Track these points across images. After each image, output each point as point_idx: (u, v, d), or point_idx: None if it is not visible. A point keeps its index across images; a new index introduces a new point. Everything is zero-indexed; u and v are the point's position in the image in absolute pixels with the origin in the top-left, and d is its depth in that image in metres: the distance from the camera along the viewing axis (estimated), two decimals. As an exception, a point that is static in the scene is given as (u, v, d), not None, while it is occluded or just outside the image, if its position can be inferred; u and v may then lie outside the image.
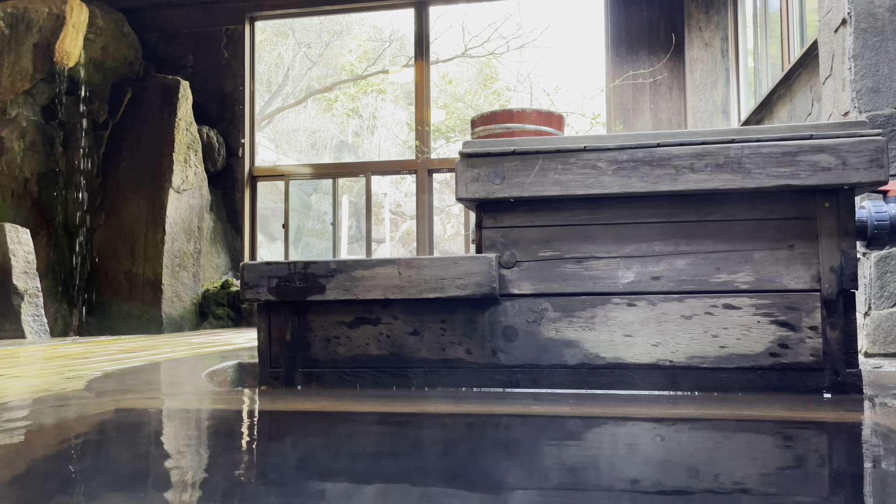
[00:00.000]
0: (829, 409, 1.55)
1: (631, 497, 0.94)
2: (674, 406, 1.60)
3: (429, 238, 7.03)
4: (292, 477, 1.06)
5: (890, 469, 1.09)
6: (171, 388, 2.13)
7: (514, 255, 1.87)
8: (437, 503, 0.92)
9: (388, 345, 1.91)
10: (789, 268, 1.73)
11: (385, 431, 1.43)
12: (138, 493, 0.96)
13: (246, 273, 1.92)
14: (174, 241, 6.07)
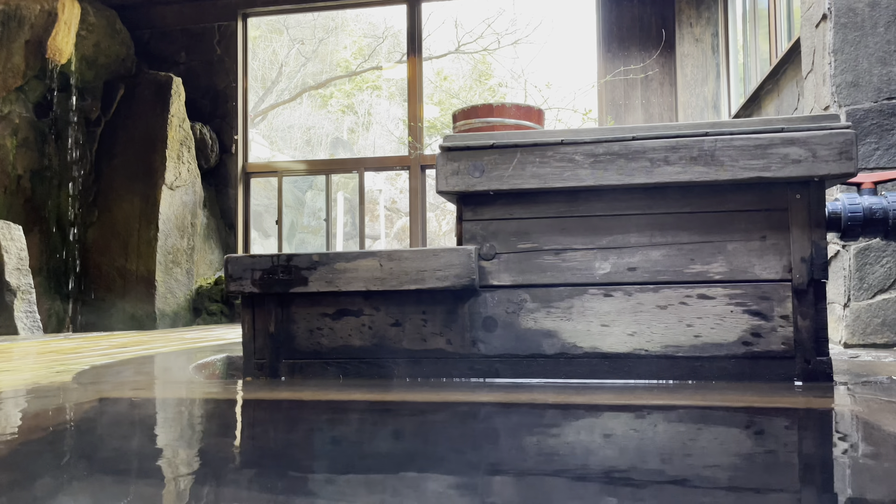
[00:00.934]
0: (799, 395, 1.58)
1: (604, 479, 0.97)
2: (649, 394, 1.63)
3: (422, 234, 7.07)
4: (270, 459, 1.09)
5: (852, 452, 1.13)
6: (158, 379, 2.16)
7: (493, 247, 1.91)
8: (416, 486, 0.96)
9: (370, 336, 1.94)
10: (762, 258, 1.77)
11: (367, 419, 1.46)
12: (116, 475, 0.99)
13: (230, 266, 1.95)
14: (167, 238, 6.09)
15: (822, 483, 0.96)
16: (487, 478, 0.99)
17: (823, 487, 0.93)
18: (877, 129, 2.65)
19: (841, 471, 1.01)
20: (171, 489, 0.95)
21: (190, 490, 0.95)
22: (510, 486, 0.94)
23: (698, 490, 0.90)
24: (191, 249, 6.34)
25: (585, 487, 0.92)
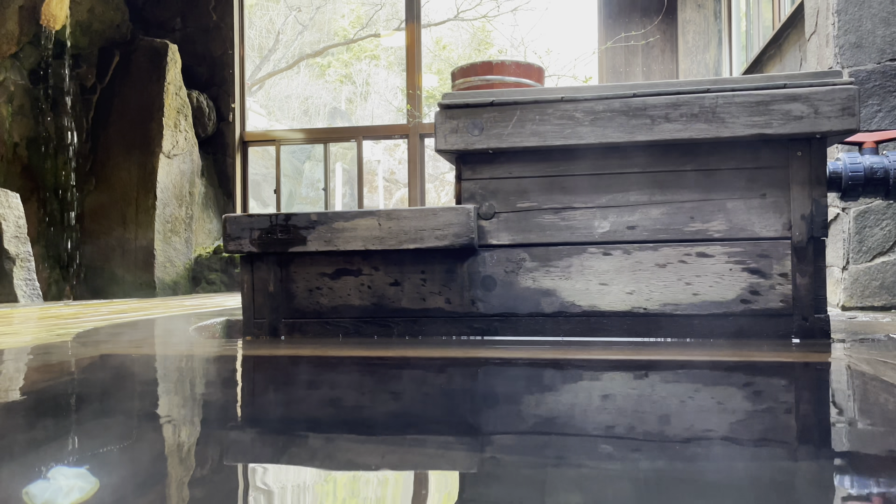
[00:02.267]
0: (797, 351, 1.59)
1: (605, 432, 0.98)
2: (647, 350, 1.64)
3: (420, 204, 7.04)
4: (268, 406, 1.10)
5: (846, 402, 1.13)
6: (158, 339, 2.17)
7: (492, 206, 1.90)
8: (417, 435, 0.96)
9: (369, 295, 1.95)
10: (761, 216, 1.76)
11: (366, 372, 1.46)
12: (118, 419, 1.00)
13: (228, 225, 1.95)
14: (165, 207, 6.07)
15: (820, 432, 0.96)
16: (487, 428, 0.99)
17: (821, 436, 0.94)
18: (879, 91, 2.62)
19: (838, 421, 1.02)
20: (169, 431, 0.95)
21: (187, 431, 0.96)
22: (509, 438, 0.94)
23: (696, 441, 0.90)
24: (189, 218, 6.33)
25: (586, 439, 0.93)
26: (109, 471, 0.79)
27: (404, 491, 0.73)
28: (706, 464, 0.78)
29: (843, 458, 0.81)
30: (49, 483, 0.76)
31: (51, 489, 0.74)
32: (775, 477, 0.74)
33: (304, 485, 0.74)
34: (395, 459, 0.82)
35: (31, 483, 0.76)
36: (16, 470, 0.80)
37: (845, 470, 0.77)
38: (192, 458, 0.85)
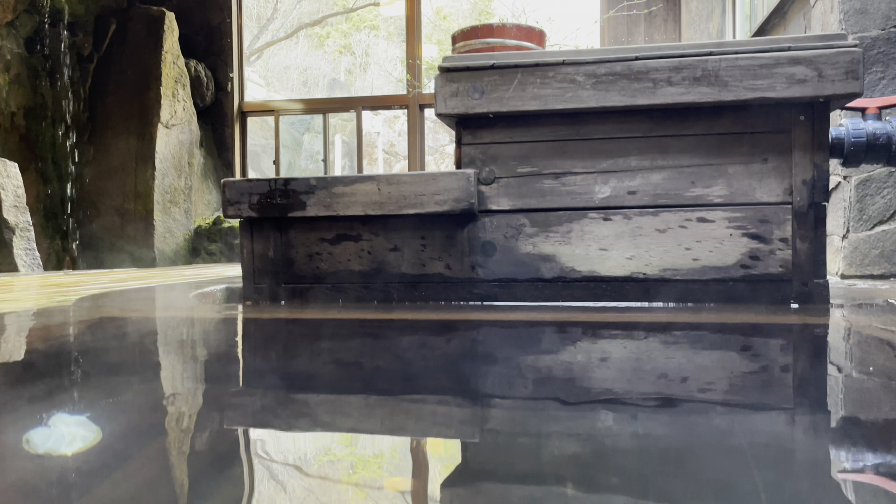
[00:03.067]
0: (795, 315, 1.60)
1: (604, 392, 0.98)
2: (647, 314, 1.65)
3: (421, 174, 7.00)
4: (270, 363, 1.10)
5: (844, 360, 1.14)
6: (157, 303, 2.17)
7: (492, 171, 1.89)
8: (416, 394, 0.97)
9: (369, 261, 1.95)
10: (762, 181, 1.76)
11: (367, 333, 1.47)
12: (116, 373, 1.01)
13: (227, 189, 1.94)
14: (164, 177, 6.05)
15: (817, 387, 0.97)
16: (487, 387, 1.00)
17: (818, 393, 0.95)
18: (883, 58, 2.60)
19: (835, 377, 1.02)
20: (168, 386, 0.96)
21: (186, 386, 0.96)
22: (507, 395, 0.95)
23: (695, 396, 0.91)
24: (188, 189, 6.31)
25: (585, 394, 0.93)
26: (110, 421, 0.79)
27: (403, 445, 0.74)
28: (702, 418, 0.79)
29: (838, 413, 0.82)
30: (51, 431, 0.77)
31: (53, 437, 0.75)
32: (771, 430, 0.74)
33: (303, 439, 0.75)
34: (394, 414, 0.83)
35: (33, 431, 0.77)
36: (18, 421, 0.80)
37: (841, 423, 0.78)
38: (190, 411, 0.86)
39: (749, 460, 0.62)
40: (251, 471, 0.64)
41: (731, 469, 0.61)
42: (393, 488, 0.61)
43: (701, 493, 0.56)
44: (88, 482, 0.61)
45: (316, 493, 0.59)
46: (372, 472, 0.65)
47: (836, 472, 0.62)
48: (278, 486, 0.61)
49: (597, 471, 0.62)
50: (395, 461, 0.68)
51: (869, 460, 0.65)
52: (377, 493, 0.59)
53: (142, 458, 0.68)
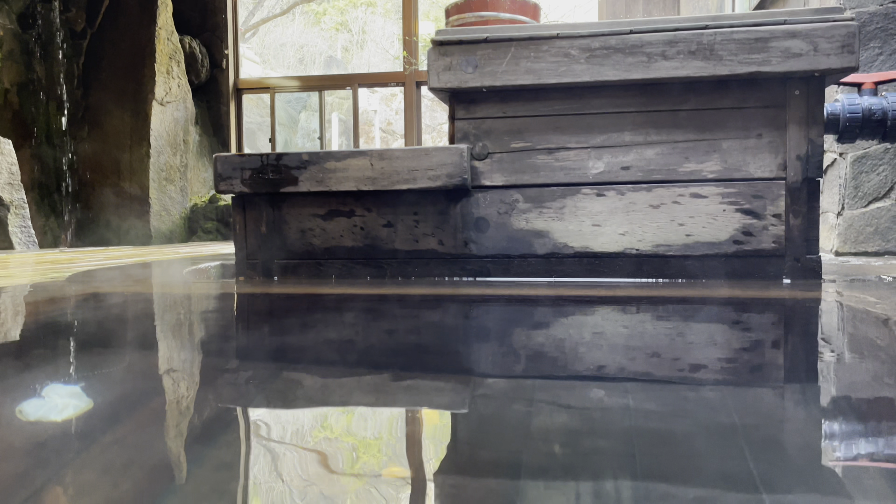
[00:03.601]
0: (787, 290, 1.60)
1: (598, 365, 0.98)
2: (639, 290, 1.65)
3: (417, 153, 6.97)
4: (262, 336, 1.10)
5: (833, 335, 1.14)
6: (151, 279, 2.17)
7: (486, 146, 1.88)
8: (412, 364, 0.97)
9: (362, 237, 1.94)
10: (756, 156, 1.75)
11: (360, 307, 1.47)
12: (108, 346, 1.01)
13: (219, 164, 1.93)
14: (160, 155, 6.02)
15: (806, 363, 0.97)
16: (481, 360, 1.00)
17: (807, 368, 0.95)
18: (881, 34, 2.58)
19: (824, 354, 1.02)
20: (159, 358, 0.96)
21: (177, 358, 0.96)
22: (500, 369, 0.95)
23: (687, 368, 0.91)
24: (184, 167, 6.28)
25: (577, 367, 0.93)
26: (102, 391, 0.80)
27: (395, 416, 0.74)
28: (692, 392, 0.79)
29: (828, 388, 0.82)
30: (43, 401, 0.77)
31: (45, 407, 0.75)
32: (760, 403, 0.75)
33: (295, 411, 0.75)
34: (387, 386, 0.83)
35: (25, 401, 0.77)
36: (10, 390, 0.80)
37: (829, 398, 0.78)
38: (181, 382, 0.86)
39: (739, 435, 0.63)
40: (242, 440, 0.65)
41: (719, 443, 0.61)
42: (385, 456, 0.61)
43: (690, 466, 0.56)
44: (78, 449, 0.61)
45: (310, 463, 0.59)
46: (366, 444, 0.65)
47: (823, 444, 0.63)
48: (269, 455, 0.61)
49: (585, 441, 0.62)
50: (388, 432, 0.68)
51: (856, 434, 0.65)
52: (372, 464, 0.59)
53: (127, 428, 0.68)
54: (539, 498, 0.49)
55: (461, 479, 0.54)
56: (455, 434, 0.66)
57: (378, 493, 0.52)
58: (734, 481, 0.51)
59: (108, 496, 0.50)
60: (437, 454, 0.61)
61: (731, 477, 0.52)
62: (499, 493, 0.50)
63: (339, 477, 0.55)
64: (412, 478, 0.55)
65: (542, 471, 0.54)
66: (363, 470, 0.57)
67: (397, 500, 0.51)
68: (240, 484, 0.53)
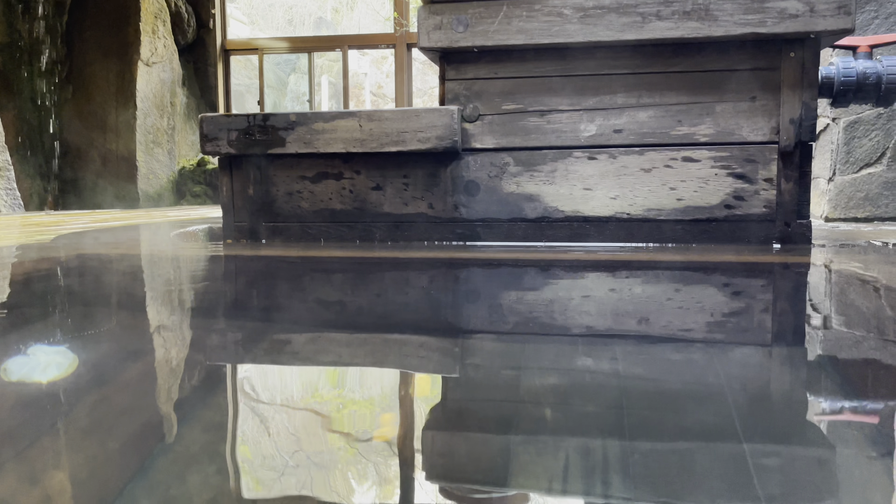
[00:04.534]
0: (777, 255, 1.60)
1: (589, 327, 0.98)
2: (630, 254, 1.64)
3: (408, 117, 6.90)
4: (248, 298, 1.09)
5: (820, 299, 1.14)
6: (138, 242, 2.15)
7: (476, 108, 1.85)
8: (403, 325, 0.96)
9: (350, 200, 1.92)
10: (749, 120, 1.73)
11: (349, 270, 1.46)
12: (92, 306, 0.99)
13: (205, 125, 1.89)
14: (146, 117, 5.92)
15: (794, 326, 0.97)
16: (472, 322, 0.99)
17: (794, 330, 0.95)
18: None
19: (810, 317, 1.02)
20: (143, 318, 0.95)
21: (162, 318, 0.95)
22: (489, 330, 0.94)
23: (676, 329, 0.91)
24: (171, 129, 6.19)
25: (566, 328, 0.93)
26: (86, 350, 0.78)
27: (384, 375, 0.73)
28: (680, 353, 0.79)
29: (814, 345, 0.82)
30: (28, 359, 0.76)
31: (29, 365, 0.74)
32: (747, 363, 0.74)
33: (283, 370, 0.74)
34: (376, 346, 0.82)
35: (8, 359, 0.75)
36: (-16, 351, 0.79)
37: (815, 358, 0.78)
38: (167, 342, 0.85)
39: (726, 394, 0.62)
40: (229, 396, 0.64)
41: (706, 399, 0.61)
42: (377, 409, 0.61)
43: (677, 420, 0.56)
44: (63, 408, 0.60)
45: (300, 419, 0.58)
46: (356, 402, 0.65)
47: (806, 401, 0.63)
48: (257, 413, 0.60)
49: (573, 400, 0.61)
50: (379, 388, 0.68)
51: (839, 393, 0.65)
52: (361, 420, 0.59)
53: (111, 386, 0.67)
54: (527, 442, 0.49)
55: (449, 433, 0.53)
56: (444, 389, 0.65)
57: (372, 444, 0.51)
58: (716, 432, 0.51)
59: (98, 451, 0.50)
60: (427, 407, 0.60)
61: (713, 428, 0.51)
62: (485, 435, 0.50)
63: (329, 432, 0.55)
64: (401, 432, 0.55)
65: (528, 416, 0.53)
66: (355, 424, 0.57)
67: (390, 453, 0.50)
68: (228, 440, 0.53)
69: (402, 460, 0.50)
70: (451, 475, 0.47)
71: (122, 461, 0.49)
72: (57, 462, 0.49)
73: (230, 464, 0.48)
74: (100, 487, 0.45)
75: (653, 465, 0.46)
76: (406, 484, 0.46)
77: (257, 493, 0.45)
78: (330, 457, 0.51)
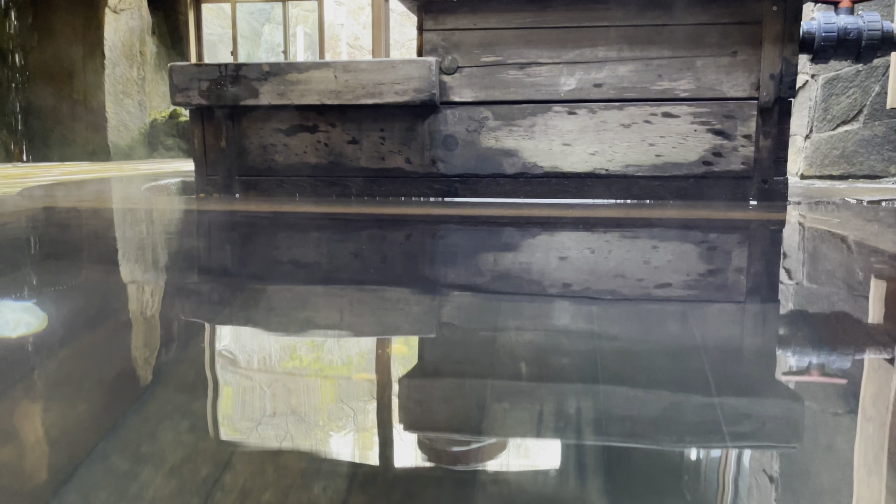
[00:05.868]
0: (753, 212, 1.60)
1: (565, 284, 0.97)
2: (607, 210, 1.64)
3: (386, 69, 6.76)
4: (219, 254, 1.07)
5: (794, 255, 1.15)
6: (106, 195, 2.10)
7: (455, 59, 1.81)
8: (380, 283, 0.94)
9: (326, 153, 1.88)
10: (730, 75, 1.72)
11: (324, 226, 1.44)
12: (59, 261, 0.96)
13: (174, 74, 1.83)
14: (115, 66, 5.75)
15: (767, 282, 0.98)
16: (448, 280, 0.98)
17: (767, 285, 0.95)
18: (862, -49, 2.51)
19: (784, 273, 1.03)
20: (113, 274, 0.92)
21: (132, 274, 0.93)
22: (466, 288, 0.93)
23: (650, 292, 0.91)
24: (142, 80, 6.02)
25: (548, 286, 0.92)
26: (56, 306, 0.76)
27: (364, 330, 0.72)
28: (656, 308, 0.79)
29: (786, 300, 0.83)
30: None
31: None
32: (721, 318, 0.74)
33: (255, 327, 0.72)
34: (353, 303, 0.81)
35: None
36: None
37: (786, 312, 0.78)
38: (137, 299, 0.83)
39: (700, 352, 0.62)
40: (206, 353, 0.62)
41: (680, 355, 0.61)
42: (350, 364, 0.60)
43: (649, 367, 0.56)
44: (35, 363, 0.58)
45: (269, 378, 0.57)
46: (333, 358, 0.64)
47: (776, 354, 0.63)
48: (229, 370, 0.59)
49: (548, 357, 0.61)
50: (354, 347, 0.67)
51: (809, 348, 0.65)
52: (341, 378, 0.58)
53: (83, 343, 0.65)
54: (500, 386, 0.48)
55: (424, 380, 0.52)
56: (419, 348, 0.64)
57: (355, 385, 0.50)
58: (686, 378, 0.51)
59: (74, 399, 0.48)
60: (401, 363, 0.59)
61: (684, 375, 0.51)
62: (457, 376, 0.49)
63: (305, 377, 0.54)
64: (378, 382, 0.54)
65: (503, 368, 0.53)
66: (333, 370, 0.56)
67: (371, 395, 0.50)
68: (204, 396, 0.51)
69: (379, 407, 0.49)
70: (427, 423, 0.47)
71: (91, 422, 0.48)
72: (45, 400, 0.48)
73: (209, 414, 0.47)
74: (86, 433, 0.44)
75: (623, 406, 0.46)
76: (384, 431, 0.45)
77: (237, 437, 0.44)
78: (307, 407, 0.50)
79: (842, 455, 0.42)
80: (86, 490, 0.38)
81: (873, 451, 0.43)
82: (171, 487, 0.38)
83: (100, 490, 0.38)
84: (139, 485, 0.38)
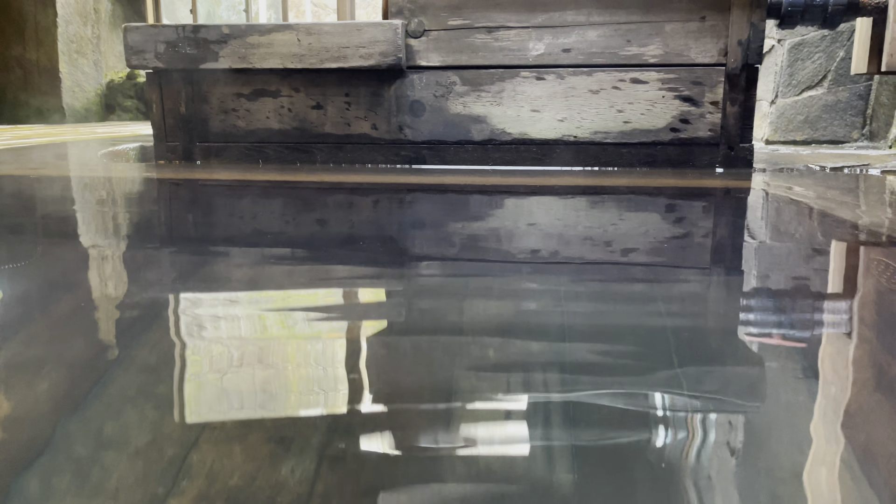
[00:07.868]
0: (719, 179, 1.61)
1: (533, 252, 0.96)
2: (575, 178, 1.63)
3: (351, 29, 6.62)
4: (182, 225, 1.03)
5: (758, 222, 1.16)
6: (61, 162, 2.03)
7: (422, 22, 1.77)
8: (349, 255, 0.92)
9: (290, 119, 1.84)
10: (698, 41, 1.71)
11: (288, 195, 1.40)
12: (13, 234, 0.92)
13: (129, 36, 1.76)
14: (68, 24, 5.52)
15: (732, 248, 0.98)
16: (413, 251, 0.97)
17: (732, 252, 0.96)
18: (830, -86, 2.50)
19: (749, 240, 1.04)
20: (71, 248, 0.89)
21: (90, 247, 0.90)
22: (434, 256, 0.92)
23: (619, 250, 0.90)
24: (96, 38, 5.80)
25: (514, 256, 0.91)
26: (11, 283, 0.73)
27: (330, 300, 0.70)
28: (622, 270, 0.78)
29: (750, 270, 0.83)
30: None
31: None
32: (687, 284, 0.74)
33: (218, 298, 0.70)
34: (324, 273, 0.79)
35: None
36: None
37: (749, 279, 0.79)
38: (98, 273, 0.80)
39: (664, 317, 0.62)
40: (170, 325, 0.60)
41: (641, 321, 0.61)
42: (317, 321, 0.58)
43: (615, 324, 0.55)
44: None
45: (240, 345, 0.55)
46: (298, 326, 0.62)
47: (740, 321, 0.63)
48: (193, 339, 0.57)
49: (516, 321, 0.60)
50: (320, 314, 0.65)
51: (772, 313, 0.66)
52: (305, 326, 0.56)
53: (40, 320, 0.62)
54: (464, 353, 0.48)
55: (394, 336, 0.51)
56: (388, 309, 0.63)
57: (321, 347, 0.49)
58: (650, 337, 0.50)
59: (33, 382, 0.46)
60: (368, 331, 0.58)
61: (649, 333, 0.51)
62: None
63: (273, 340, 0.52)
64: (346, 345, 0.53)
65: (471, 330, 0.52)
66: (299, 332, 0.54)
67: (337, 359, 0.48)
68: (169, 368, 0.50)
69: (348, 370, 0.48)
70: (395, 386, 0.46)
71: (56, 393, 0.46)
72: None
73: (176, 375, 0.46)
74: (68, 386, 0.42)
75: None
76: (354, 393, 0.44)
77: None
78: (275, 372, 0.48)
79: (801, 412, 0.43)
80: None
81: (832, 408, 0.44)
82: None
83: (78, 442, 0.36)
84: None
